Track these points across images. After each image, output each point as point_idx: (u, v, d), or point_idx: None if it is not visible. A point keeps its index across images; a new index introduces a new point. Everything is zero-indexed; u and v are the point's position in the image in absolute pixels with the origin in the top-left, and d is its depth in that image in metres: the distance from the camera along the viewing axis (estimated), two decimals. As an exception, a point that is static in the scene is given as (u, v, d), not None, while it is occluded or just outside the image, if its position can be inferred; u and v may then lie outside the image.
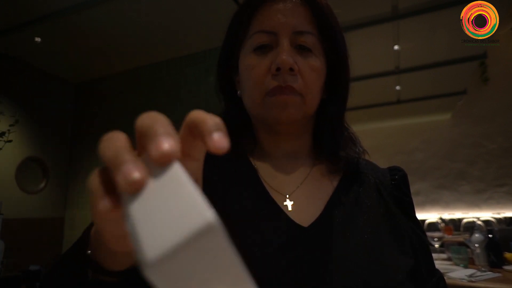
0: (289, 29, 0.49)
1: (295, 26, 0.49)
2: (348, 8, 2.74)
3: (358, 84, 4.05)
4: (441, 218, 3.98)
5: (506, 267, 1.78)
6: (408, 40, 3.24)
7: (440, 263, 2.02)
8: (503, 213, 4.75)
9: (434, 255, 2.21)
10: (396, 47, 3.33)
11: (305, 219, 0.48)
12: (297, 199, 0.51)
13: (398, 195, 0.54)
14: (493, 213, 4.75)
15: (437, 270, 0.54)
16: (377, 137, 5.66)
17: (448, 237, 2.87)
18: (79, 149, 3.99)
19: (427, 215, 4.90)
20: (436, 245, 2.18)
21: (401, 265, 0.46)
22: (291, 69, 0.47)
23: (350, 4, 2.70)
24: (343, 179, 0.54)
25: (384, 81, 4.06)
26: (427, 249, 0.53)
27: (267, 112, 0.50)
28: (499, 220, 4.28)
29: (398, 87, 4.28)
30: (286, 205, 0.50)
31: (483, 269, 1.72)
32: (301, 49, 0.50)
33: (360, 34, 3.03)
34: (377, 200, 0.53)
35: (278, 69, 0.47)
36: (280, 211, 0.48)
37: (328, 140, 0.55)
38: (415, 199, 0.54)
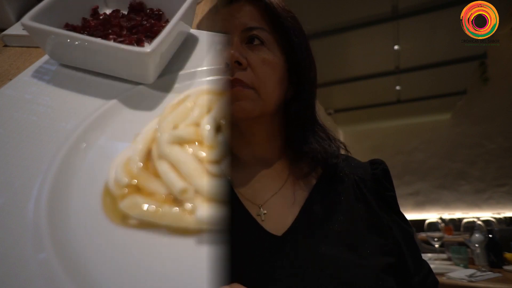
0: (239, 27, 0.49)
1: (245, 23, 0.49)
2: (348, 8, 2.74)
3: (358, 84, 4.06)
4: (441, 218, 3.98)
5: (506, 267, 1.77)
6: (408, 40, 3.24)
7: (440, 263, 2.02)
8: (503, 213, 4.75)
9: (434, 255, 2.21)
10: (396, 47, 3.33)
11: (279, 228, 0.47)
12: (270, 208, 0.49)
13: (379, 190, 0.53)
14: (493, 213, 4.74)
15: (425, 262, 0.53)
16: (377, 137, 5.66)
17: (448, 237, 2.86)
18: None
19: (427, 215, 4.88)
20: (436, 245, 2.18)
21: (383, 264, 0.46)
22: (239, 63, 0.47)
23: (350, 4, 2.70)
24: (320, 181, 0.53)
25: (384, 81, 4.06)
26: (413, 242, 0.52)
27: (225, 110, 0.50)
28: (499, 220, 4.28)
29: (398, 87, 4.29)
30: (260, 215, 0.48)
31: (483, 269, 1.72)
32: (253, 44, 0.49)
33: (360, 34, 3.02)
34: (357, 199, 0.51)
35: (227, 65, 0.47)
36: (254, 222, 0.47)
37: (299, 140, 0.53)
38: (415, 199, 0.54)
